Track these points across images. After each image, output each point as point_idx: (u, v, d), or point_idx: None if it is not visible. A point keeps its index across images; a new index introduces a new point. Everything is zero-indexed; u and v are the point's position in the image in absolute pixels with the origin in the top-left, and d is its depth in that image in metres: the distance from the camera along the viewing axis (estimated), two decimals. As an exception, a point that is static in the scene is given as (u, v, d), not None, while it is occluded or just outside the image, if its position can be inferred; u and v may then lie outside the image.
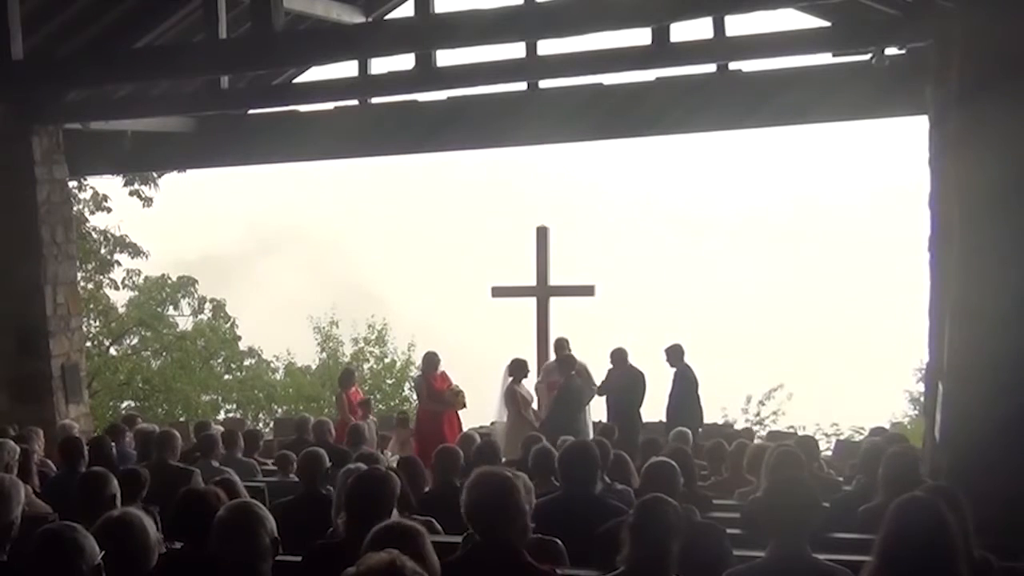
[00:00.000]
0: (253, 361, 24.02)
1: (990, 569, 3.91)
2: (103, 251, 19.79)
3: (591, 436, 9.29)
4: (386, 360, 23.84)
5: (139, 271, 21.13)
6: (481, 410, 11.92)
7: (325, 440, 8.27)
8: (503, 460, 6.67)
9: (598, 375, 10.63)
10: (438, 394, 10.76)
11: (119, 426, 9.01)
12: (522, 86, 10.49)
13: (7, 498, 4.06)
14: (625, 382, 10.49)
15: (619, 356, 10.60)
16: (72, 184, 12.86)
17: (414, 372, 17.77)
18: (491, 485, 3.63)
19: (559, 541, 4.28)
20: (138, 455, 8.14)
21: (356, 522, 3.81)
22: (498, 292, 12.80)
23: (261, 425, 19.20)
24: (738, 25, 8.99)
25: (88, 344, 17.23)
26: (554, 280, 12.42)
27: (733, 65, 9.86)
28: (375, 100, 11.01)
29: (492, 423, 11.32)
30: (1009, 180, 6.40)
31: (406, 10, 10.56)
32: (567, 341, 10.86)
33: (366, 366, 22.63)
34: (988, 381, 6.36)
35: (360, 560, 2.66)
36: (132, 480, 5.16)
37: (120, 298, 21.68)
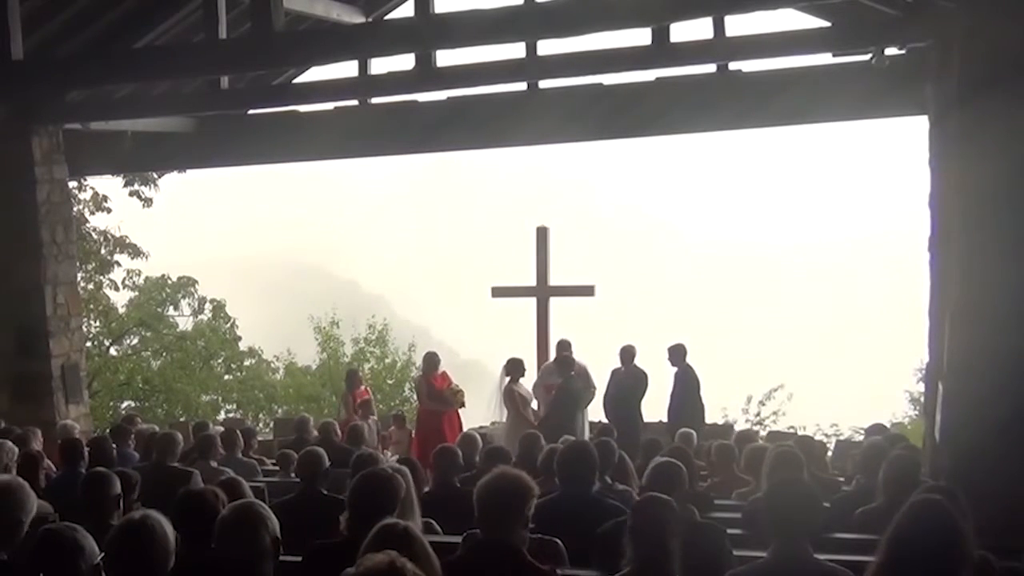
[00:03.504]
0: (253, 361, 24.02)
1: (990, 569, 3.91)
2: (103, 251, 19.78)
3: (587, 437, 9.28)
4: (387, 360, 23.84)
5: (139, 271, 21.15)
6: (481, 410, 11.94)
7: (330, 440, 8.25)
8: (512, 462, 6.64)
9: (598, 375, 10.63)
10: (438, 394, 10.76)
11: (123, 427, 9.01)
12: (522, 86, 10.49)
13: (18, 499, 4.03)
14: (629, 381, 10.49)
15: (627, 354, 10.60)
16: (72, 184, 12.86)
17: (415, 373, 17.77)
18: (508, 485, 3.66)
19: (559, 541, 4.28)
20: (140, 457, 8.16)
21: (358, 521, 3.81)
22: (498, 292, 12.80)
23: (261, 425, 19.18)
24: (738, 25, 9.02)
25: (88, 344, 17.24)
26: (554, 280, 12.42)
27: (733, 65, 9.86)
28: (375, 100, 11.02)
29: (492, 423, 11.33)
30: (1009, 180, 6.41)
31: (406, 10, 10.57)
32: (569, 343, 10.84)
33: (367, 366, 22.61)
34: (988, 381, 6.37)
35: (359, 561, 2.66)
36: (122, 482, 5.14)
37: (120, 298, 21.71)
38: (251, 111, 11.26)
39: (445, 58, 9.44)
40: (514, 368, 10.61)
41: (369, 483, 3.99)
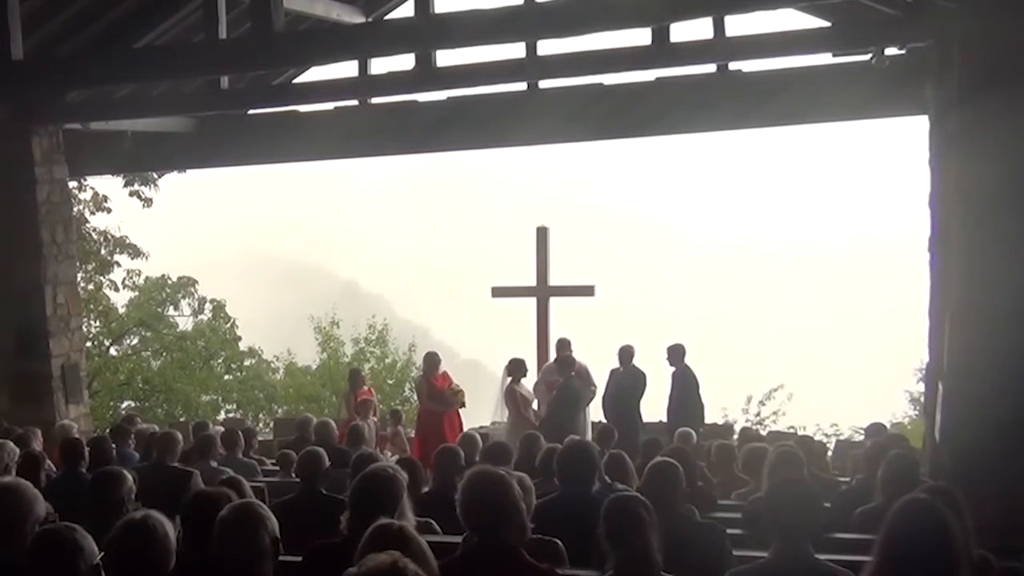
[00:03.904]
0: (253, 361, 24.01)
1: (990, 569, 3.91)
2: (103, 252, 19.78)
3: (589, 436, 9.28)
4: (387, 360, 23.84)
5: (139, 271, 21.15)
6: (482, 410, 11.95)
7: (328, 441, 8.25)
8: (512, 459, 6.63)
9: (599, 375, 10.63)
10: (439, 394, 10.76)
11: (123, 427, 9.01)
12: (522, 86, 10.50)
13: (22, 501, 4.01)
14: (628, 381, 10.49)
15: (626, 354, 10.60)
16: (72, 184, 12.86)
17: (415, 373, 17.79)
18: (486, 484, 3.63)
19: (559, 541, 4.28)
20: (140, 457, 8.15)
21: (359, 521, 3.81)
22: (498, 292, 12.81)
23: (261, 425, 19.18)
24: (738, 25, 9.02)
25: (88, 344, 17.23)
26: (554, 280, 12.42)
27: (733, 65, 9.86)
28: (375, 100, 11.02)
29: (493, 423, 11.32)
30: (1010, 179, 6.41)
31: (406, 10, 10.58)
32: (569, 342, 10.84)
33: (367, 366, 22.62)
34: (988, 381, 6.37)
35: (361, 561, 2.66)
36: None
37: (120, 299, 21.70)
38: (251, 111, 11.26)
39: (445, 58, 9.44)
40: (516, 368, 10.61)
41: (370, 482, 3.98)
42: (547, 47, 9.31)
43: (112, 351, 21.86)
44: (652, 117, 10.36)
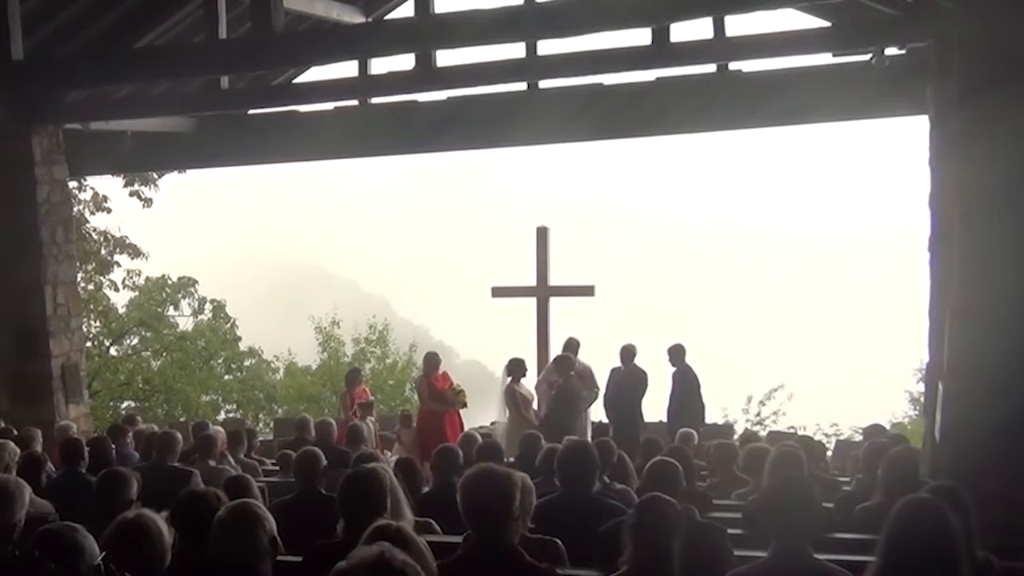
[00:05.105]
0: (253, 361, 24.02)
1: (991, 569, 3.91)
2: (103, 252, 19.78)
3: (589, 437, 9.27)
4: (387, 361, 23.85)
5: (139, 272, 21.16)
6: (482, 410, 11.94)
7: (327, 441, 8.25)
8: (505, 460, 6.64)
9: (599, 375, 10.61)
10: (439, 394, 10.76)
11: (121, 427, 9.01)
12: (522, 86, 10.50)
13: (11, 500, 4.05)
14: (629, 381, 10.48)
15: (628, 353, 10.59)
16: (72, 184, 12.87)
17: (415, 374, 17.80)
18: (491, 485, 3.62)
19: (559, 541, 4.28)
20: (140, 457, 8.15)
21: (350, 521, 3.83)
22: (498, 292, 12.81)
23: (261, 425, 19.18)
24: (738, 25, 9.03)
25: (88, 344, 17.22)
26: (554, 280, 12.42)
27: (733, 65, 9.87)
28: (375, 100, 11.02)
29: (493, 423, 11.32)
30: (1009, 180, 6.40)
31: (406, 10, 10.58)
32: (578, 343, 10.76)
33: (367, 367, 22.64)
34: (988, 381, 6.36)
35: (350, 555, 2.66)
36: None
37: (120, 299, 21.71)
38: (251, 111, 11.27)
39: (445, 58, 9.45)
40: (515, 368, 10.60)
41: (350, 484, 4.01)
42: (547, 47, 9.33)
43: (112, 351, 21.86)
44: (652, 117, 10.38)
